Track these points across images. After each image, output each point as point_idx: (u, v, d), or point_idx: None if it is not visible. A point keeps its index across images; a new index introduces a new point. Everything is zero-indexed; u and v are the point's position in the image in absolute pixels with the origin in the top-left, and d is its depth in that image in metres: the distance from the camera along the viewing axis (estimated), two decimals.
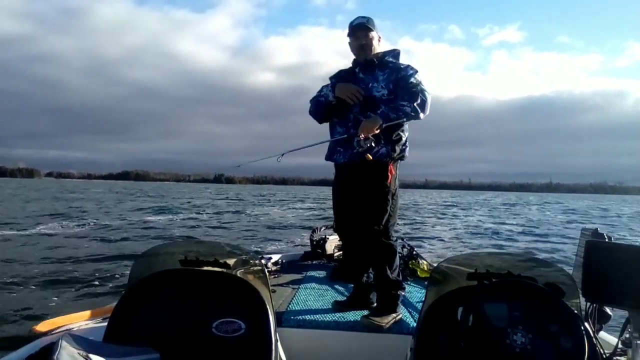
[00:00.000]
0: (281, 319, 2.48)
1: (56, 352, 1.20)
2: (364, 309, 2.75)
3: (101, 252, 9.64)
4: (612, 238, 1.97)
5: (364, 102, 2.76)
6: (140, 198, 41.82)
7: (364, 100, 2.75)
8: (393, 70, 2.81)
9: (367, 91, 2.76)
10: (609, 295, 1.73)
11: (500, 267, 1.79)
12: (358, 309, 2.75)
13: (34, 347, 1.65)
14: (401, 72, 2.80)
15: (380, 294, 2.76)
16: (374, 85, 2.78)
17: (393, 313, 2.62)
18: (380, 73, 2.81)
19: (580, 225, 4.20)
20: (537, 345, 1.56)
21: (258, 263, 1.99)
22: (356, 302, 2.85)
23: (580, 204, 59.85)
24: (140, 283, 1.75)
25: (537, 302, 1.62)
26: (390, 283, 2.73)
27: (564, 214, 34.07)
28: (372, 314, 2.59)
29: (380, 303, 2.72)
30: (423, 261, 4.05)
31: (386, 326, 2.49)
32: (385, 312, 2.61)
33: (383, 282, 2.74)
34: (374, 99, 2.76)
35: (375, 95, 2.76)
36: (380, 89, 2.77)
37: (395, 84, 2.77)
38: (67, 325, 2.10)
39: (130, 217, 19.52)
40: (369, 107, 2.74)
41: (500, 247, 13.72)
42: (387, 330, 2.45)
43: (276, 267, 3.96)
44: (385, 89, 2.77)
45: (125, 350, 1.47)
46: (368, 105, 2.74)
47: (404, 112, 2.64)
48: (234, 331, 1.67)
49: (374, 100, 2.75)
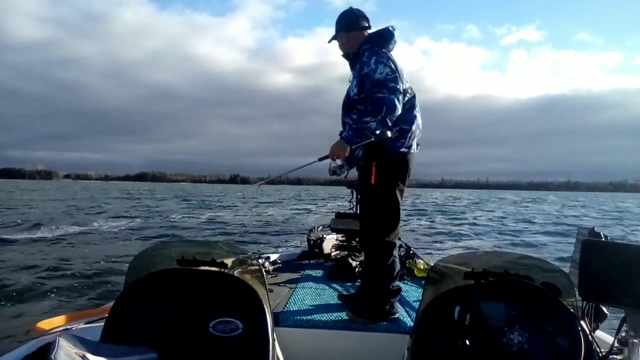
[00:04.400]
0: (278, 318, 2.47)
1: (53, 351, 1.20)
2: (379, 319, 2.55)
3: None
4: (608, 237, 1.98)
5: (344, 104, 2.68)
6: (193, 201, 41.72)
7: (343, 103, 2.68)
8: (361, 64, 2.57)
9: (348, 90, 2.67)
10: (606, 294, 1.74)
11: (497, 266, 1.80)
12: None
13: (31, 347, 1.64)
14: (364, 67, 2.53)
15: (363, 294, 2.66)
16: (352, 82, 2.65)
17: (377, 318, 2.51)
18: (355, 68, 2.65)
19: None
20: (534, 344, 1.56)
21: (255, 262, 1.99)
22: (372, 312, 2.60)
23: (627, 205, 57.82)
24: (138, 283, 1.75)
25: (533, 302, 1.63)
26: (368, 287, 2.63)
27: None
28: (358, 312, 2.55)
29: (364, 303, 2.59)
30: (420, 260, 4.04)
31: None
32: (367, 315, 2.52)
33: (364, 284, 2.71)
34: (348, 99, 2.65)
35: (350, 94, 2.64)
36: (353, 87, 2.61)
37: (361, 82, 2.55)
38: (64, 325, 2.10)
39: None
40: (345, 109, 2.67)
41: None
42: (384, 330, 2.45)
43: (273, 266, 3.96)
44: (357, 87, 2.58)
45: (122, 350, 1.47)
46: (345, 107, 2.67)
47: (370, 131, 2.41)
48: (231, 331, 1.67)
49: (349, 102, 2.65)
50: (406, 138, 2.58)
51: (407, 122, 2.58)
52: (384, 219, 2.59)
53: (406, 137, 2.58)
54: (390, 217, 2.60)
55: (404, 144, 2.58)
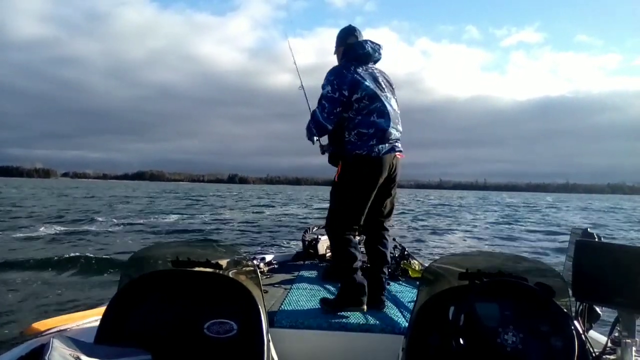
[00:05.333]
0: (273, 319, 2.47)
1: (47, 353, 1.19)
2: (375, 308, 2.78)
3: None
4: (601, 238, 1.99)
5: None
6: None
7: None
8: None
9: None
10: (599, 295, 1.75)
11: (492, 267, 1.80)
12: (370, 308, 2.76)
13: (24, 348, 1.63)
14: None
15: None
16: None
17: (337, 307, 2.70)
18: None
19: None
20: (528, 344, 1.57)
21: (250, 264, 1.99)
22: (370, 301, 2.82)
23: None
24: (132, 284, 1.74)
25: (527, 302, 1.64)
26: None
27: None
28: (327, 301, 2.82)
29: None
30: (415, 261, 4.05)
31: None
32: (330, 303, 2.76)
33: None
34: None
35: None
36: None
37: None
38: (58, 326, 2.09)
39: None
40: None
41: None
42: (379, 330, 2.45)
43: (268, 267, 3.96)
44: None
45: (117, 351, 1.46)
46: None
47: (307, 134, 2.99)
48: (226, 332, 1.67)
49: None
50: (366, 141, 2.77)
51: (365, 126, 2.78)
52: (341, 215, 2.86)
53: (366, 140, 2.77)
54: (346, 214, 2.85)
55: (365, 147, 2.76)
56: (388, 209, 3.01)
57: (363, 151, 2.76)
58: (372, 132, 2.77)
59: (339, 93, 2.79)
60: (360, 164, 2.78)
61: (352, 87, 2.78)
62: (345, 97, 2.79)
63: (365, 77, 2.83)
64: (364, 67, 2.91)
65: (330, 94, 2.81)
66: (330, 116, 2.83)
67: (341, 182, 2.84)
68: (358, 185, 2.80)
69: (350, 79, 2.80)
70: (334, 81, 2.82)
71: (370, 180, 2.80)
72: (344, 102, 2.80)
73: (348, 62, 2.91)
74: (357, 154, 2.77)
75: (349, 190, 2.83)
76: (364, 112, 2.79)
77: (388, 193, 2.95)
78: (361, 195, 2.81)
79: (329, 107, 2.82)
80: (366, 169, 2.78)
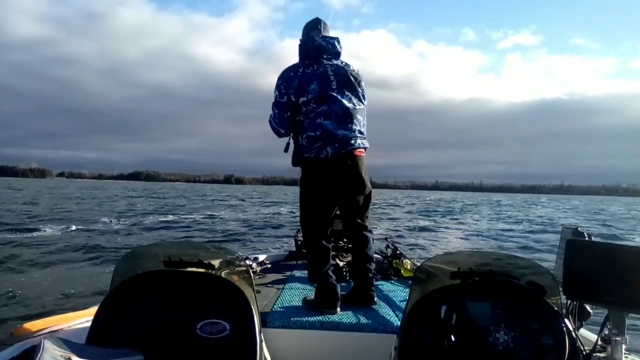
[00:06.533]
0: (266, 319, 2.47)
1: (38, 354, 1.18)
2: (365, 305, 2.80)
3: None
4: (591, 237, 2.01)
5: None
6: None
7: None
8: None
9: None
10: (589, 293, 1.77)
11: (483, 265, 1.82)
12: (360, 305, 2.80)
13: (15, 350, 1.62)
14: None
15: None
16: None
17: (314, 308, 2.70)
18: None
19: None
20: (520, 343, 1.58)
21: (243, 264, 1.99)
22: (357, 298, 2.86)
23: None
24: (124, 284, 1.73)
25: (519, 301, 1.65)
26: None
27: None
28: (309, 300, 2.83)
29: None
30: (407, 260, 4.06)
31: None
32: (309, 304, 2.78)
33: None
34: None
35: None
36: None
37: None
38: (49, 327, 2.07)
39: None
40: None
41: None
42: (371, 330, 2.46)
43: (261, 267, 3.95)
44: None
45: (108, 352, 1.46)
46: None
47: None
48: (218, 332, 1.66)
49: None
50: (314, 144, 2.75)
51: (312, 129, 2.75)
52: (304, 219, 2.92)
53: (314, 143, 2.75)
54: (309, 218, 2.89)
55: (313, 150, 2.75)
56: (361, 207, 2.91)
57: (311, 154, 2.75)
58: (319, 134, 2.74)
59: (286, 97, 2.79)
60: (310, 167, 2.80)
61: (299, 91, 2.76)
62: (292, 101, 2.79)
63: (312, 79, 2.76)
64: (315, 66, 2.81)
65: (279, 99, 2.82)
66: (282, 121, 2.86)
67: (301, 187, 2.88)
68: (312, 189, 2.82)
69: (297, 83, 2.76)
70: (281, 86, 2.80)
71: (322, 183, 2.78)
72: (292, 106, 2.80)
73: (300, 61, 2.87)
74: (306, 157, 2.79)
75: (306, 194, 2.87)
76: (312, 116, 2.76)
77: (355, 191, 2.84)
78: (318, 198, 2.82)
79: (279, 113, 2.85)
80: (316, 172, 2.78)
